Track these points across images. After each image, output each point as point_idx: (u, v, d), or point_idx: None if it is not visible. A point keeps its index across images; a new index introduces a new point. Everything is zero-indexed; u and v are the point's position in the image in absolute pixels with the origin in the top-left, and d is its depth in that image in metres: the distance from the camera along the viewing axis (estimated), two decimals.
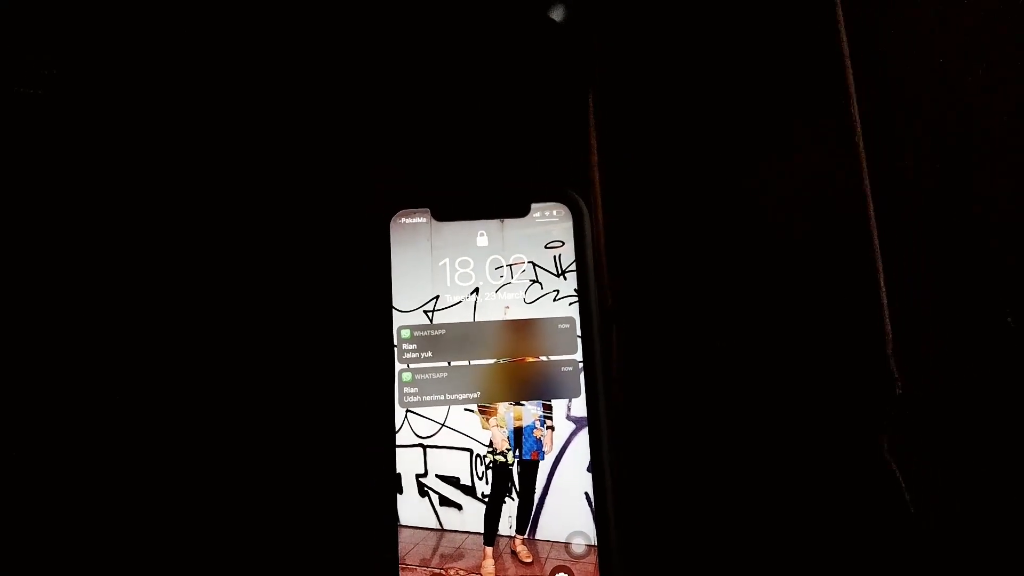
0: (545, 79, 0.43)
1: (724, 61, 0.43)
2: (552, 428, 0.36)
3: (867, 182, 0.41)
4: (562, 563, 0.35)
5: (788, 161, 0.41)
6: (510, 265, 0.38)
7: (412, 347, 0.37)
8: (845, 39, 0.42)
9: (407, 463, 0.36)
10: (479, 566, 0.35)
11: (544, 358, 0.37)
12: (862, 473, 0.38)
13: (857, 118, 0.41)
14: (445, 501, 0.36)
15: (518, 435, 0.36)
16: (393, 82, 0.43)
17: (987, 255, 0.40)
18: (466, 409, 0.37)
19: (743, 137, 0.42)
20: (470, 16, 0.42)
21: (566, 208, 0.39)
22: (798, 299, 0.40)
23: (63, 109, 0.42)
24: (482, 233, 0.38)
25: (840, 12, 0.42)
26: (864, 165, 0.41)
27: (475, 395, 0.37)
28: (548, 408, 0.37)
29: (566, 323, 0.37)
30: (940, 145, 0.41)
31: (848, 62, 0.42)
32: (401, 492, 0.36)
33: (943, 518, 0.38)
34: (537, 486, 0.36)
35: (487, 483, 0.36)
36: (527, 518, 0.36)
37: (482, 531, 0.35)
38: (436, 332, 0.37)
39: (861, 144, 0.41)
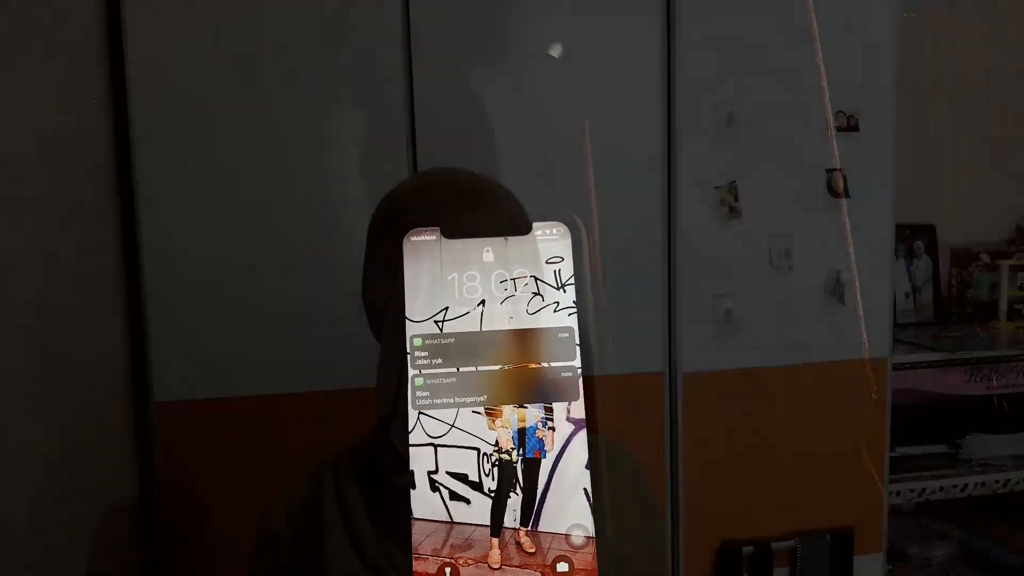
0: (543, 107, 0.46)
1: None
2: (553, 429, 0.39)
3: None
4: (562, 553, 0.37)
5: None
6: (514, 279, 0.41)
7: (424, 354, 0.40)
8: None
9: (420, 461, 0.38)
10: (486, 556, 0.37)
11: (545, 364, 0.40)
12: (847, 470, 0.40)
13: None
14: (455, 496, 0.38)
15: (522, 435, 0.39)
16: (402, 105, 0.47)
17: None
18: (474, 411, 0.39)
19: None
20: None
21: (565, 227, 0.42)
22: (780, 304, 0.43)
23: None
24: (488, 250, 0.42)
25: None
26: None
27: (482, 398, 0.39)
28: (549, 410, 0.39)
29: (566, 332, 0.40)
30: None
31: None
32: (414, 487, 0.38)
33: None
34: (539, 482, 0.38)
35: (493, 479, 0.38)
36: (530, 511, 0.38)
37: (489, 523, 0.38)
38: (446, 340, 0.40)
39: None
